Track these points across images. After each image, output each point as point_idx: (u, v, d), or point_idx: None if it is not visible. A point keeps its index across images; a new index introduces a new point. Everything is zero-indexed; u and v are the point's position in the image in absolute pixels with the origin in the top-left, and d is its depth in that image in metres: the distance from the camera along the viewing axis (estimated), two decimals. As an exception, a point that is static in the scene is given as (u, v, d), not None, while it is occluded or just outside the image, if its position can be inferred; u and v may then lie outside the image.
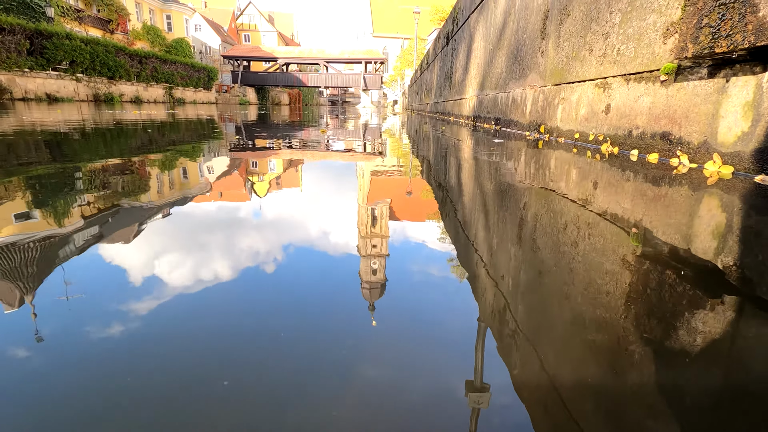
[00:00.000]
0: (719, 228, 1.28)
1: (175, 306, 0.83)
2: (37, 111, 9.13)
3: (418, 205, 1.85)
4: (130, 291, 0.89)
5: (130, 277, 0.97)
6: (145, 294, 0.88)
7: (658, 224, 1.26)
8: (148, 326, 0.74)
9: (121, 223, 1.44)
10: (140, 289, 0.90)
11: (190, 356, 0.64)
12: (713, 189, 1.55)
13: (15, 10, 21.07)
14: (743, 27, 1.36)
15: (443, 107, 9.90)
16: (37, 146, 3.09)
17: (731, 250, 1.04)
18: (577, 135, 2.78)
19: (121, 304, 0.83)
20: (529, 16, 3.84)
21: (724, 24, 1.43)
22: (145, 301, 0.84)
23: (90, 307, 0.80)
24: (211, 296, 0.88)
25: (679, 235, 1.17)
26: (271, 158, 3.22)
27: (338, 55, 45.66)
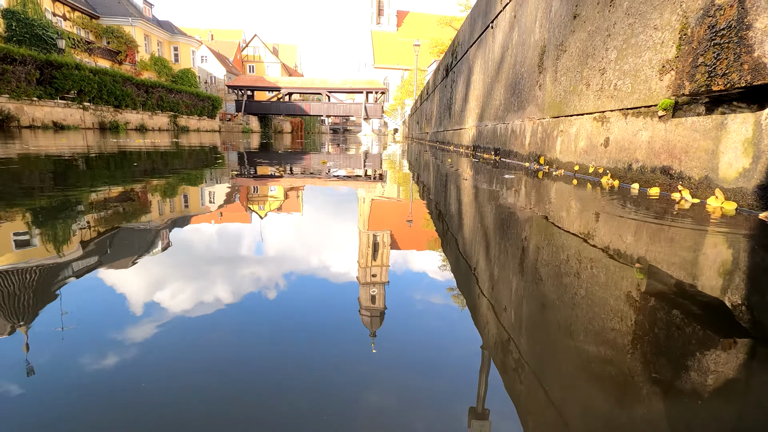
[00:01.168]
0: (725, 265, 1.26)
1: (173, 335, 0.82)
2: (43, 138, 9.26)
3: (419, 233, 1.85)
4: (127, 320, 0.89)
5: (128, 306, 0.97)
6: (141, 324, 0.87)
7: (663, 260, 1.23)
8: (141, 357, 0.72)
9: (119, 251, 1.43)
10: (135, 319, 0.89)
11: (188, 386, 0.63)
12: (717, 225, 1.53)
13: (28, 42, 21.74)
14: (739, 66, 1.38)
15: (443, 136, 10.03)
16: (39, 173, 3.10)
17: (739, 289, 1.01)
18: (577, 167, 2.79)
19: (116, 334, 0.82)
20: (526, 51, 3.94)
21: (720, 63, 1.45)
22: (141, 331, 0.83)
23: (84, 337, 0.80)
24: (210, 324, 0.88)
25: (684, 271, 1.14)
26: (271, 185, 3.24)
27: (340, 84, 46.74)
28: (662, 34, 1.94)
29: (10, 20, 21.62)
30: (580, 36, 2.82)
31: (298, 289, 1.10)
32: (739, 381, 0.64)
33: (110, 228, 1.66)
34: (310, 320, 0.90)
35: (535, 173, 3.27)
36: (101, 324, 0.87)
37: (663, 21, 1.95)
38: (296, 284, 1.14)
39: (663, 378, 0.63)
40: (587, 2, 2.75)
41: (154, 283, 1.12)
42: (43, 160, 4.07)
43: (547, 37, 3.44)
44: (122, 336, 0.81)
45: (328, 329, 0.85)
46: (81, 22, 29.95)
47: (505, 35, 4.67)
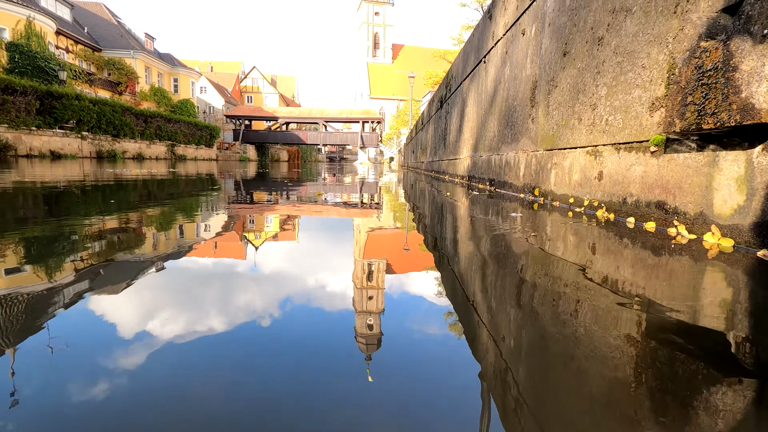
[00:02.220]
0: (726, 303, 1.25)
1: (163, 366, 0.81)
2: (39, 167, 9.26)
3: (415, 261, 1.86)
4: (115, 351, 0.88)
5: (118, 333, 0.97)
6: (129, 355, 0.86)
7: (662, 295, 1.23)
8: (128, 391, 0.71)
9: (111, 279, 1.43)
10: (123, 350, 0.88)
11: (179, 414, 0.63)
12: (715, 262, 1.52)
13: (30, 74, 22.12)
14: (727, 106, 1.41)
15: (438, 166, 10.14)
16: (32, 202, 3.07)
17: (742, 328, 1.00)
18: (572, 199, 2.80)
19: (106, 362, 0.81)
20: (518, 85, 4.04)
21: (709, 102, 1.48)
22: (129, 362, 0.83)
23: (72, 365, 0.80)
24: (203, 351, 0.87)
25: (684, 307, 1.14)
26: (267, 214, 3.25)
27: (337, 114, 47.54)
28: (650, 73, 1.99)
29: (13, 53, 22.07)
30: (570, 72, 2.90)
31: (291, 321, 1.09)
32: (745, 422, 0.63)
33: (102, 258, 1.65)
34: (304, 350, 0.89)
35: (530, 204, 3.28)
36: (90, 354, 0.86)
37: (650, 60, 2.00)
38: (290, 316, 1.13)
39: (666, 418, 0.62)
40: (576, 41, 2.84)
41: (144, 314, 1.12)
42: (36, 189, 4.05)
43: (538, 73, 3.53)
44: (111, 365, 0.80)
45: (324, 358, 0.85)
46: (83, 54, 30.61)
47: (498, 70, 4.80)
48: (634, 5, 2.18)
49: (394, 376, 0.79)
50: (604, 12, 2.47)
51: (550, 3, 3.32)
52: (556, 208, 2.93)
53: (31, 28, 23.29)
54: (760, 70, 1.28)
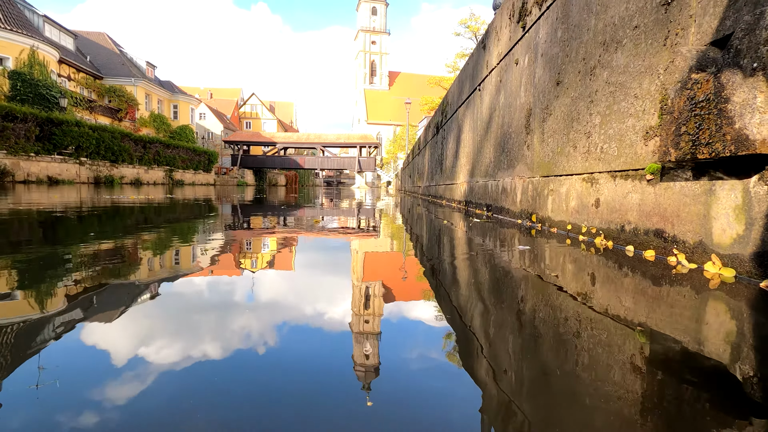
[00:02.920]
0: (730, 335, 1.22)
1: (158, 394, 0.81)
2: (36, 193, 9.23)
3: (413, 288, 1.85)
4: (107, 381, 0.87)
5: (109, 365, 0.95)
6: (121, 386, 0.85)
7: (665, 326, 1.21)
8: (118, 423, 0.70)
9: (104, 306, 1.41)
10: (116, 381, 0.87)
11: None
12: (717, 292, 1.50)
13: (31, 101, 22.37)
14: (721, 137, 1.42)
15: (435, 191, 10.19)
16: (27, 228, 3.03)
17: (748, 360, 0.98)
18: (570, 226, 2.79)
19: (96, 395, 0.80)
20: (513, 113, 4.10)
21: (702, 133, 1.49)
22: (120, 393, 0.82)
23: (61, 398, 0.78)
24: (197, 381, 0.86)
25: (688, 339, 1.12)
26: (263, 239, 3.24)
27: (334, 139, 48.08)
28: (643, 103, 2.02)
29: (15, 81, 22.39)
30: (564, 101, 2.95)
31: (288, 348, 1.09)
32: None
33: (95, 285, 1.64)
34: (301, 379, 0.89)
35: (528, 230, 3.27)
36: (80, 384, 0.85)
37: (642, 91, 2.04)
38: (286, 342, 1.12)
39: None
40: (569, 70, 2.90)
41: (137, 343, 1.11)
42: (24, 216, 4.01)
43: (532, 101, 3.59)
44: (101, 397, 0.79)
45: (320, 386, 0.85)
46: (85, 82, 31.10)
47: (492, 98, 4.88)
48: (624, 37, 2.23)
49: (392, 407, 0.78)
50: (595, 44, 2.53)
51: (542, 35, 3.41)
52: (554, 235, 2.92)
53: (34, 57, 23.73)
54: (752, 102, 1.30)
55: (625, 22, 2.23)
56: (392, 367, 0.99)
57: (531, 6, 3.64)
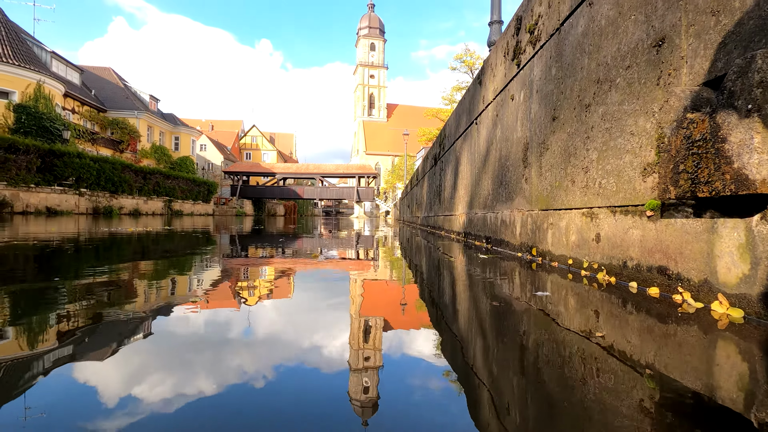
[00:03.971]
0: (743, 379, 1.18)
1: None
2: (34, 225, 9.19)
3: (412, 320, 1.85)
4: (99, 418, 0.86)
5: (101, 402, 0.94)
6: (113, 421, 0.84)
7: (674, 367, 1.18)
8: None
9: (95, 343, 1.40)
10: (109, 416, 0.87)
11: None
12: (726, 333, 1.46)
13: (34, 133, 22.69)
14: (721, 176, 1.42)
15: (434, 221, 10.20)
16: (22, 260, 2.99)
17: (764, 407, 0.94)
18: (571, 261, 2.76)
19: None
20: (510, 146, 4.15)
21: (701, 171, 1.50)
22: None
23: None
24: (190, 421, 0.85)
25: (699, 382, 1.09)
26: (262, 267, 3.25)
27: (333, 170, 48.58)
28: (639, 140, 2.05)
29: (20, 114, 22.79)
30: (560, 136, 2.98)
31: (284, 384, 1.08)
32: None
33: (86, 320, 1.63)
34: (298, 415, 0.88)
35: (528, 264, 3.24)
36: (68, 425, 0.83)
37: (638, 128, 2.06)
38: (283, 379, 1.11)
39: None
40: (564, 107, 2.95)
41: (129, 380, 1.10)
42: (26, 248, 3.97)
43: (529, 135, 3.64)
44: None
45: (318, 421, 0.85)
46: (89, 115, 31.67)
47: (489, 131, 4.96)
48: (618, 76, 2.28)
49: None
50: (589, 82, 2.59)
51: (536, 72, 3.50)
52: (554, 269, 2.89)
53: (40, 91, 24.27)
54: (749, 142, 1.30)
55: (617, 62, 2.29)
56: (391, 402, 0.98)
57: (525, 45, 3.76)
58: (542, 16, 3.37)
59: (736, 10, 1.52)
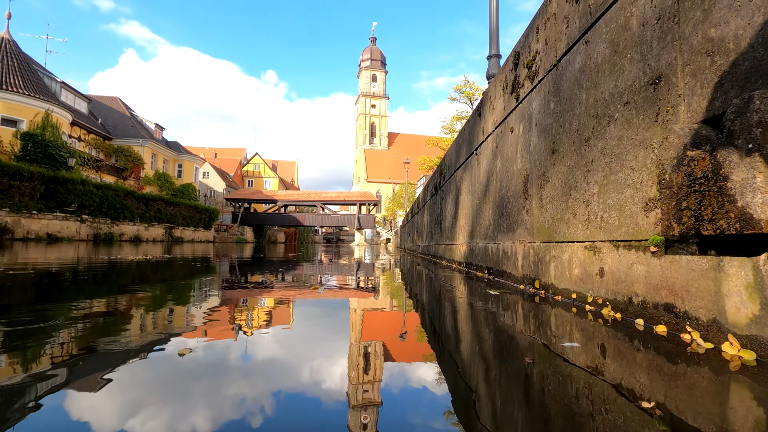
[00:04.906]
0: (760, 425, 1.13)
1: None
2: (34, 251, 9.15)
3: (413, 350, 1.84)
4: None
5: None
6: None
7: (685, 410, 1.15)
8: None
9: (88, 373, 1.38)
10: None
11: None
12: (739, 376, 1.41)
13: (40, 161, 22.96)
14: (725, 214, 1.41)
15: (434, 250, 10.14)
16: (19, 289, 2.94)
17: None
18: (574, 295, 2.72)
19: None
20: (510, 178, 4.17)
21: (705, 209, 1.49)
22: None
23: None
24: None
25: (713, 426, 1.06)
26: (258, 301, 3.22)
27: (334, 197, 48.82)
28: (640, 175, 2.05)
29: (27, 142, 23.14)
30: (560, 169, 3.00)
31: (283, 418, 1.07)
32: None
33: (81, 349, 1.63)
34: None
35: (531, 297, 3.19)
36: None
37: (638, 163, 2.07)
38: (282, 412, 1.11)
39: None
40: (563, 140, 2.98)
41: (122, 412, 1.09)
42: (23, 276, 3.92)
43: (528, 168, 3.66)
44: None
45: None
46: (94, 142, 32.15)
47: (489, 162, 5.00)
48: (616, 112, 2.31)
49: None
50: (588, 117, 2.62)
51: (535, 105, 3.56)
52: (558, 303, 2.84)
53: (48, 119, 24.77)
54: (752, 181, 1.30)
55: (615, 98, 2.32)
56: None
57: (523, 79, 3.84)
58: (539, 53, 3.46)
59: (730, 52, 1.55)
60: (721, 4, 1.61)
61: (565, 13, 2.97)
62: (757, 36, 1.44)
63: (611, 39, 2.37)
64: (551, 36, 3.22)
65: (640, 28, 2.12)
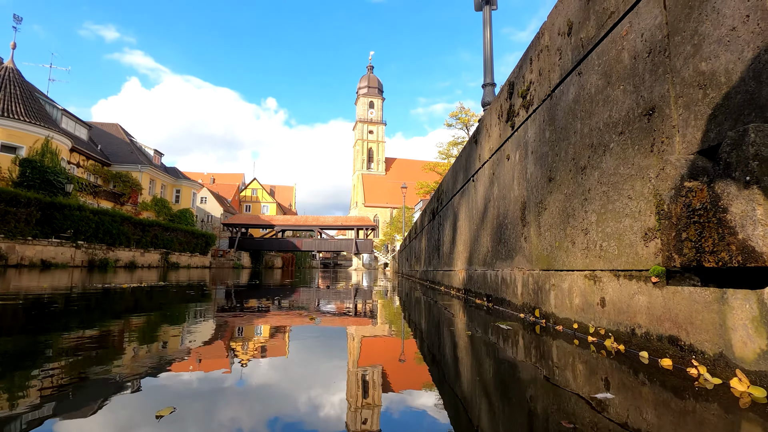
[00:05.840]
0: None
1: None
2: (27, 279, 9.01)
3: (413, 378, 1.85)
4: None
5: None
6: None
7: None
8: None
9: (79, 404, 1.38)
10: None
11: None
12: (751, 414, 1.36)
13: (38, 186, 22.95)
14: (726, 246, 1.39)
15: (433, 276, 10.06)
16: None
17: None
18: (576, 325, 2.67)
19: None
20: (508, 204, 4.17)
21: (705, 241, 1.47)
22: None
23: None
24: None
25: None
26: (258, 323, 3.23)
27: (332, 222, 48.78)
28: (638, 204, 2.04)
29: (25, 168, 23.20)
30: (557, 197, 3.00)
31: None
32: None
33: (71, 380, 1.62)
34: None
35: (531, 326, 3.14)
36: None
37: (636, 192, 2.07)
38: None
39: None
40: (560, 168, 3.00)
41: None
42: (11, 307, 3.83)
43: (526, 195, 3.67)
44: None
45: None
46: (93, 168, 32.28)
47: (486, 189, 5.02)
48: (611, 142, 2.33)
49: None
50: (583, 146, 2.64)
51: (530, 134, 3.60)
52: (560, 333, 2.79)
53: (47, 146, 24.93)
54: (752, 214, 1.29)
55: (610, 128, 2.35)
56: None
57: (518, 108, 3.90)
58: (533, 83, 3.53)
59: (722, 85, 1.58)
60: (710, 39, 1.65)
61: (558, 46, 3.04)
62: (747, 70, 1.46)
63: (604, 71, 2.42)
64: (545, 67, 3.29)
65: (631, 61, 2.16)
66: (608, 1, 2.38)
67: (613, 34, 2.33)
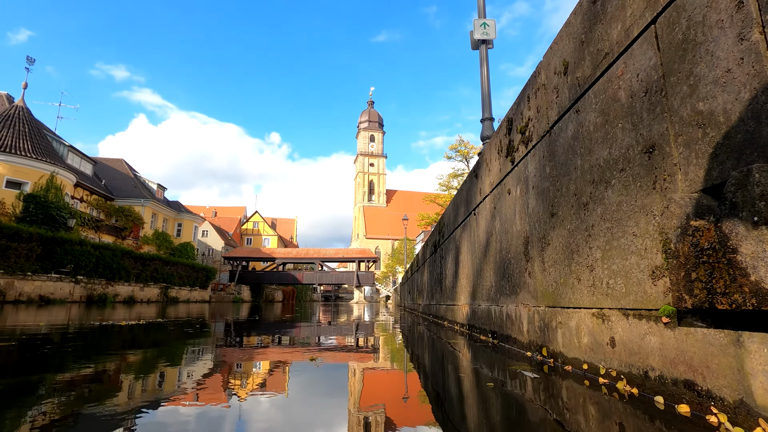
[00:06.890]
0: None
1: None
2: (24, 315, 8.86)
3: (416, 418, 1.81)
4: None
5: None
6: None
7: None
8: None
9: None
10: None
11: None
12: (779, 469, 1.28)
13: (40, 221, 23.00)
14: (738, 288, 1.35)
15: (436, 310, 9.88)
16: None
17: None
18: (586, 365, 2.57)
19: None
20: (510, 239, 4.14)
21: (716, 282, 1.43)
22: None
23: None
24: None
25: None
26: (256, 360, 3.20)
27: (333, 254, 48.55)
28: (644, 242, 2.02)
29: (29, 203, 23.37)
30: (561, 232, 2.98)
31: None
32: None
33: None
34: None
35: (539, 366, 3.03)
36: None
37: (640, 230, 2.05)
38: None
39: None
40: (562, 203, 2.99)
41: None
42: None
43: (528, 230, 3.64)
44: None
45: None
46: (96, 203, 32.50)
47: (488, 223, 5.00)
48: (612, 178, 2.33)
49: None
50: (584, 182, 2.64)
51: (531, 169, 3.62)
52: (569, 374, 2.68)
53: (52, 182, 25.22)
54: (763, 255, 1.26)
55: (610, 164, 2.35)
56: None
57: (517, 144, 3.94)
58: (532, 119, 3.58)
59: (721, 124, 1.58)
60: (706, 80, 1.67)
61: (554, 84, 3.10)
62: (746, 111, 1.47)
63: (601, 109, 2.45)
64: (542, 104, 3.35)
65: (629, 100, 2.19)
66: (602, 42, 2.45)
67: (609, 74, 2.38)
